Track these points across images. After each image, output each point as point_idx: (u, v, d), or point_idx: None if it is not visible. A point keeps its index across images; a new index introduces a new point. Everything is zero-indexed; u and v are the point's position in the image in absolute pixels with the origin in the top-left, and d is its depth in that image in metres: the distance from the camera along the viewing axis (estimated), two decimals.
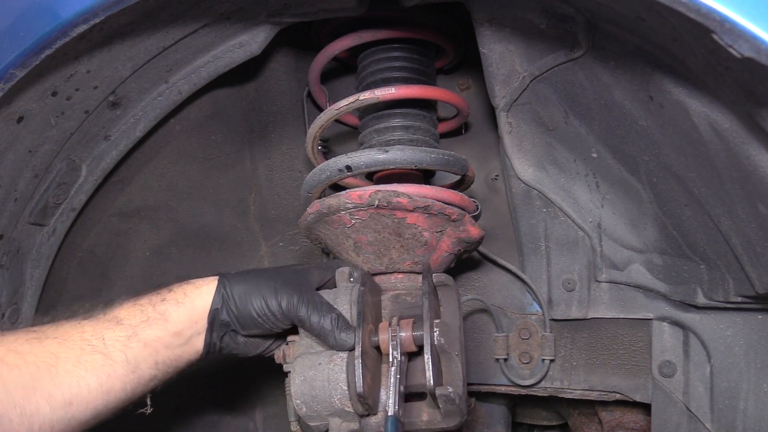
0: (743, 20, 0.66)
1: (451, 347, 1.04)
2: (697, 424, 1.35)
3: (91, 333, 0.96)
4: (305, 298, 1.04)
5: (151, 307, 1.01)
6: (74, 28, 0.94)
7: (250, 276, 1.08)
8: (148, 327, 0.99)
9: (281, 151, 1.69)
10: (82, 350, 0.94)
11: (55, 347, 0.93)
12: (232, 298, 1.04)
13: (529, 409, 1.92)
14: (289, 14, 1.23)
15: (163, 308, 1.01)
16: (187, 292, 1.04)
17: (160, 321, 1.00)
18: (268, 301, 1.03)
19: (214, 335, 1.04)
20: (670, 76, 0.94)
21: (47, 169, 1.24)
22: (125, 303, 1.02)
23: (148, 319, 0.99)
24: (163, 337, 1.00)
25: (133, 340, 0.97)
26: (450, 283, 1.19)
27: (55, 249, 1.35)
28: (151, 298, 1.03)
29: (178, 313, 1.01)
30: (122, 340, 0.97)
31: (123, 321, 0.99)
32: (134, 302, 1.02)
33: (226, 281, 1.06)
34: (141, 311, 1.00)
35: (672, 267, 1.30)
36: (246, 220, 1.75)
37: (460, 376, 1.04)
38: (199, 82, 1.32)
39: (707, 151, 0.95)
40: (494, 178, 1.58)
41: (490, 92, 1.28)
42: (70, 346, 0.94)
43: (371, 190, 1.14)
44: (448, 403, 0.98)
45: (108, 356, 0.95)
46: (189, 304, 1.02)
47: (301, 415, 1.05)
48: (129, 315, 1.00)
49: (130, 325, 0.98)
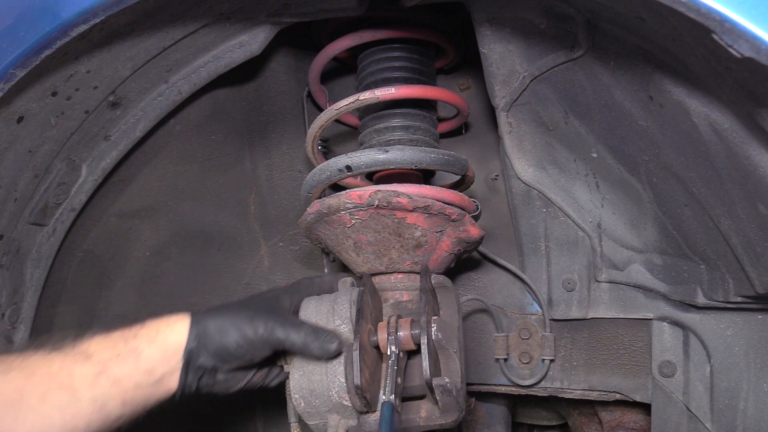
0: (743, 20, 0.66)
1: (449, 344, 1.05)
2: (697, 424, 1.35)
3: (59, 367, 0.92)
4: (280, 321, 1.02)
5: (123, 342, 0.96)
6: (74, 28, 0.94)
7: (222, 310, 1.04)
8: (118, 363, 0.94)
9: (281, 151, 1.69)
10: (49, 386, 0.90)
11: (21, 381, 0.89)
12: (207, 335, 1.00)
13: (529, 409, 1.92)
14: (289, 14, 1.23)
15: (135, 344, 0.97)
16: (160, 328, 1.00)
17: (131, 357, 0.95)
18: (245, 330, 1.00)
19: (189, 377, 1.00)
20: (670, 76, 0.94)
21: (47, 169, 1.24)
22: (96, 336, 0.98)
23: (119, 355, 0.95)
24: (134, 375, 0.95)
25: (102, 377, 0.93)
26: (448, 285, 1.19)
27: (55, 249, 1.36)
28: (123, 333, 0.98)
29: (151, 350, 0.97)
30: (91, 377, 0.92)
31: (93, 356, 0.94)
32: (105, 336, 0.98)
33: (199, 318, 1.02)
34: (112, 346, 0.96)
35: (672, 267, 1.30)
36: (246, 220, 1.75)
37: (459, 372, 1.04)
38: (199, 82, 1.32)
39: (707, 151, 0.95)
40: (494, 178, 1.58)
41: (490, 92, 1.28)
42: (36, 381, 0.90)
43: (371, 190, 1.14)
44: (445, 394, 0.99)
45: (74, 393, 0.91)
46: (162, 342, 0.98)
47: (300, 411, 1.05)
48: (99, 349, 0.95)
49: (100, 361, 0.94)
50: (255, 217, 1.75)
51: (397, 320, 1.07)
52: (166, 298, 1.72)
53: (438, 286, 1.19)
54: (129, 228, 1.59)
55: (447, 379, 0.98)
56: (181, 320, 1.01)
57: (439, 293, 1.17)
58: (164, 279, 1.71)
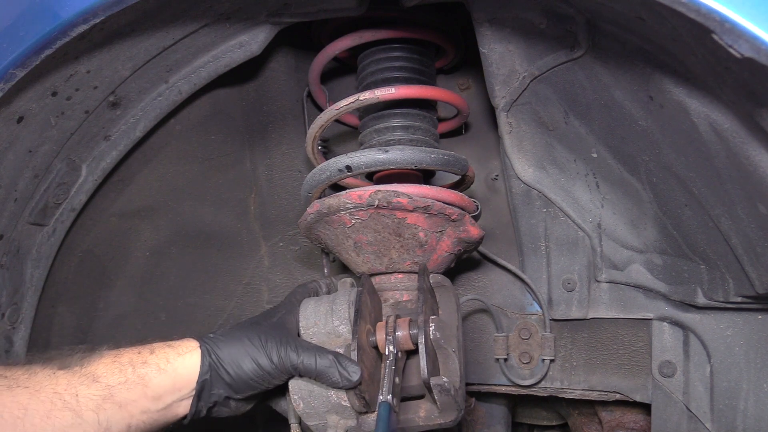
0: (743, 20, 0.66)
1: (447, 343, 1.05)
2: (697, 424, 1.35)
3: (64, 387, 0.91)
4: (293, 346, 1.01)
5: (131, 368, 0.96)
6: (74, 28, 0.94)
7: (233, 337, 1.03)
8: (125, 390, 0.94)
9: (281, 151, 1.69)
10: (53, 404, 0.89)
11: (25, 398, 0.88)
12: (221, 366, 0.99)
13: (529, 409, 1.92)
14: (289, 14, 1.23)
15: (143, 371, 0.96)
16: (170, 358, 0.99)
17: (139, 385, 0.95)
18: (259, 360, 1.00)
19: (201, 404, 1.00)
20: (670, 76, 0.94)
21: (47, 169, 1.24)
22: (104, 357, 0.97)
23: (126, 381, 0.94)
24: (140, 402, 0.95)
25: (108, 402, 0.92)
26: (447, 284, 1.19)
27: (55, 249, 1.36)
28: (131, 359, 0.97)
29: (159, 380, 0.96)
30: (96, 400, 0.92)
31: (100, 379, 0.93)
32: (114, 358, 0.97)
33: (210, 347, 1.01)
34: (120, 371, 0.95)
35: (672, 267, 1.30)
36: (246, 220, 1.75)
37: (458, 372, 1.04)
38: (199, 82, 1.32)
39: (707, 151, 0.95)
40: (494, 178, 1.58)
41: (490, 92, 1.28)
42: (41, 398, 0.89)
43: (371, 190, 1.14)
44: (443, 393, 0.98)
45: (79, 415, 0.90)
46: (172, 372, 0.97)
47: (299, 412, 1.05)
48: (107, 373, 0.94)
49: (107, 385, 0.93)
50: (255, 217, 1.75)
51: (396, 320, 1.07)
52: (166, 298, 1.72)
53: (437, 285, 1.19)
54: (129, 228, 1.59)
55: (445, 379, 0.98)
56: (192, 350, 1.00)
57: (438, 292, 1.17)
58: (164, 279, 1.71)
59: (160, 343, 1.01)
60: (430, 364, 0.98)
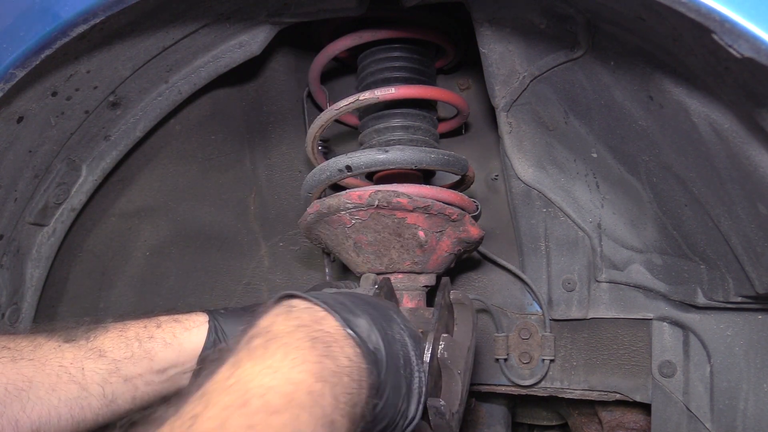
0: (743, 20, 0.66)
1: (454, 365, 1.02)
2: (697, 424, 1.35)
3: (70, 360, 0.91)
4: None
5: (138, 343, 0.96)
6: (74, 28, 0.94)
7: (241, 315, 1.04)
8: (131, 364, 0.95)
9: (281, 151, 1.69)
10: (59, 378, 0.89)
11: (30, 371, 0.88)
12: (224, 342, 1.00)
13: (529, 409, 1.92)
14: (289, 14, 1.23)
15: (149, 346, 0.97)
16: (176, 332, 1.00)
17: (144, 359, 0.96)
18: None
19: None
20: (670, 76, 0.94)
21: (47, 169, 1.24)
22: (110, 331, 0.97)
23: (133, 356, 0.95)
24: (146, 375, 0.96)
25: (114, 376, 0.93)
26: (467, 303, 1.17)
27: (55, 249, 1.36)
28: (138, 333, 0.98)
29: (165, 353, 0.97)
30: (102, 374, 0.92)
31: (106, 353, 0.94)
32: (120, 332, 0.97)
33: (218, 323, 1.02)
34: (126, 345, 0.96)
35: (672, 267, 1.30)
36: (246, 220, 1.75)
37: (459, 395, 1.01)
38: (199, 82, 1.32)
39: (707, 151, 0.95)
40: (494, 178, 1.58)
41: (490, 92, 1.28)
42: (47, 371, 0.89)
43: (371, 190, 1.14)
44: (437, 416, 0.95)
45: (85, 388, 0.91)
46: (177, 347, 0.99)
47: None
48: (113, 347, 0.95)
49: (113, 360, 0.94)
50: (255, 217, 1.75)
51: None
52: (166, 298, 1.72)
53: (456, 302, 1.17)
54: (129, 228, 1.59)
55: (443, 402, 0.94)
56: (199, 325, 1.01)
57: (456, 309, 1.15)
58: (164, 279, 1.71)
59: (167, 316, 1.02)
60: (431, 383, 0.95)
